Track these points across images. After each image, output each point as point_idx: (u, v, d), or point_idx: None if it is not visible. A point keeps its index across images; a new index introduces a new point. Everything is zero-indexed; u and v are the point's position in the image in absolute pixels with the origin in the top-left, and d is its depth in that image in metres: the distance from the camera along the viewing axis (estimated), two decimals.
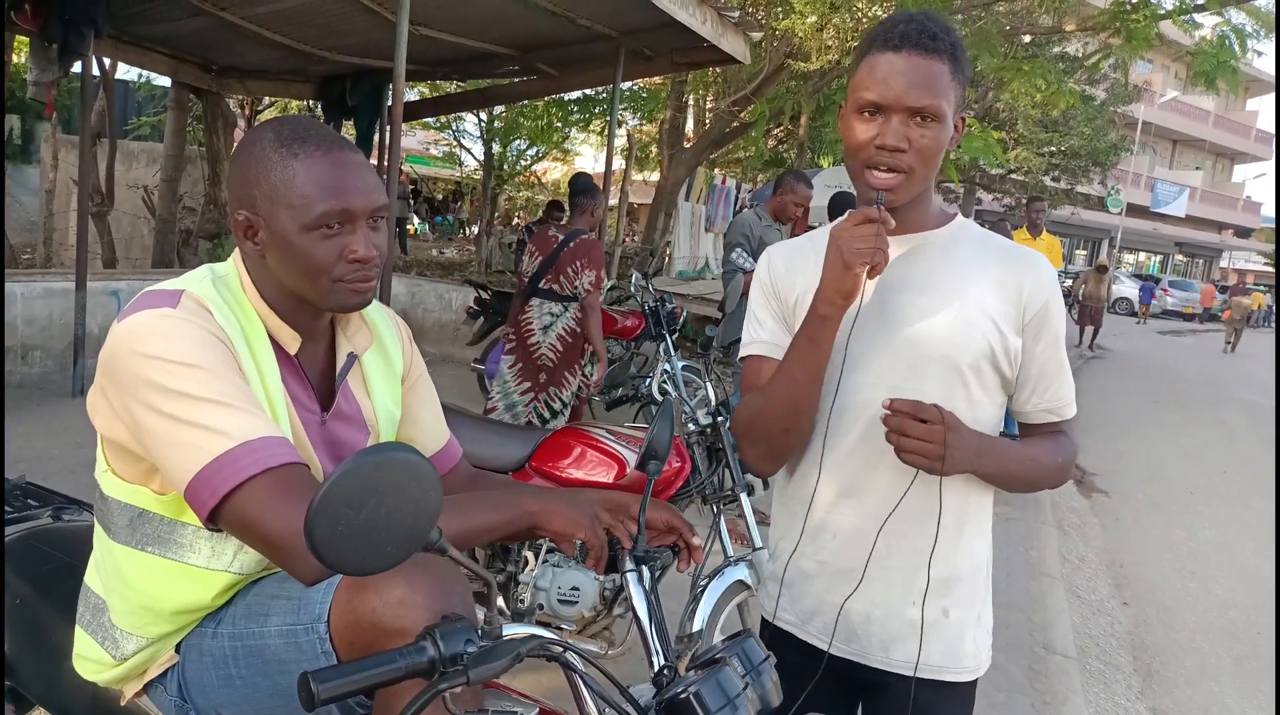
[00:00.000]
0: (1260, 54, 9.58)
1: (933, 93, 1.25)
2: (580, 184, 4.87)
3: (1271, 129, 45.00)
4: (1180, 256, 44.21)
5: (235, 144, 10.37)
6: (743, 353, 1.49)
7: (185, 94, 9.31)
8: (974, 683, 1.45)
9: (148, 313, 1.15)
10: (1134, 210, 33.08)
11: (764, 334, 1.46)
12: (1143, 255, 43.54)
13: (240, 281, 1.28)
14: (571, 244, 4.56)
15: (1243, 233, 47.53)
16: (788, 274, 1.45)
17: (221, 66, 9.01)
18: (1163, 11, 8.35)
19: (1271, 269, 50.36)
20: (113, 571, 1.25)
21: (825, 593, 1.43)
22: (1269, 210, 51.09)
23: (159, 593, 1.22)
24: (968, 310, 1.34)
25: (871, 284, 1.32)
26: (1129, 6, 8.35)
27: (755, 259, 4.95)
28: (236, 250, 1.31)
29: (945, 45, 1.27)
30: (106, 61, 8.36)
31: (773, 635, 1.52)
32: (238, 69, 9.11)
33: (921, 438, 1.23)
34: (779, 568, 1.51)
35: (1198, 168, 43.50)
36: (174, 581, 1.22)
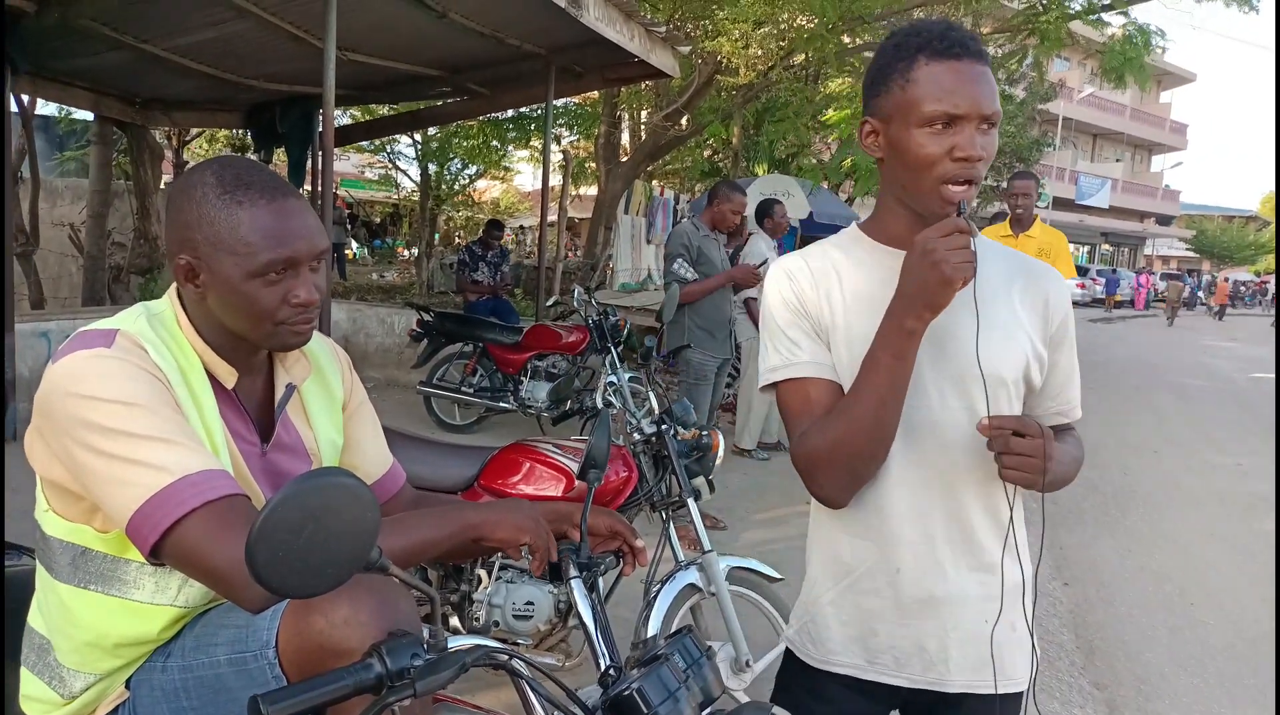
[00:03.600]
0: (1166, 49, 9.99)
1: (996, 99, 1.24)
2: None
3: (1185, 119, 46.80)
4: (1106, 246, 45.64)
5: (163, 177, 10.12)
6: (783, 376, 1.37)
7: (109, 128, 9.14)
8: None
9: (82, 353, 1.16)
10: (1060, 203, 34.11)
11: (804, 354, 1.36)
12: (1071, 247, 44.86)
13: (176, 318, 1.29)
14: None
15: (1164, 220, 49.25)
16: (814, 289, 1.38)
17: (145, 99, 8.87)
18: (1072, 12, 8.68)
19: (1194, 254, 52.30)
20: (57, 610, 1.26)
21: (897, 626, 1.37)
22: (1187, 198, 53.09)
23: (104, 629, 1.23)
24: (1006, 324, 1.34)
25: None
26: (1040, 8, 8.66)
27: (695, 268, 5.04)
28: (172, 287, 1.32)
29: (985, 51, 1.28)
30: (25, 98, 8.17)
31: (819, 678, 1.44)
32: (162, 100, 8.97)
33: (1026, 453, 1.19)
34: (826, 610, 1.43)
35: (1118, 160, 45.03)
36: (119, 618, 1.23)
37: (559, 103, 13.00)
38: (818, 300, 1.37)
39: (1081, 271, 33.19)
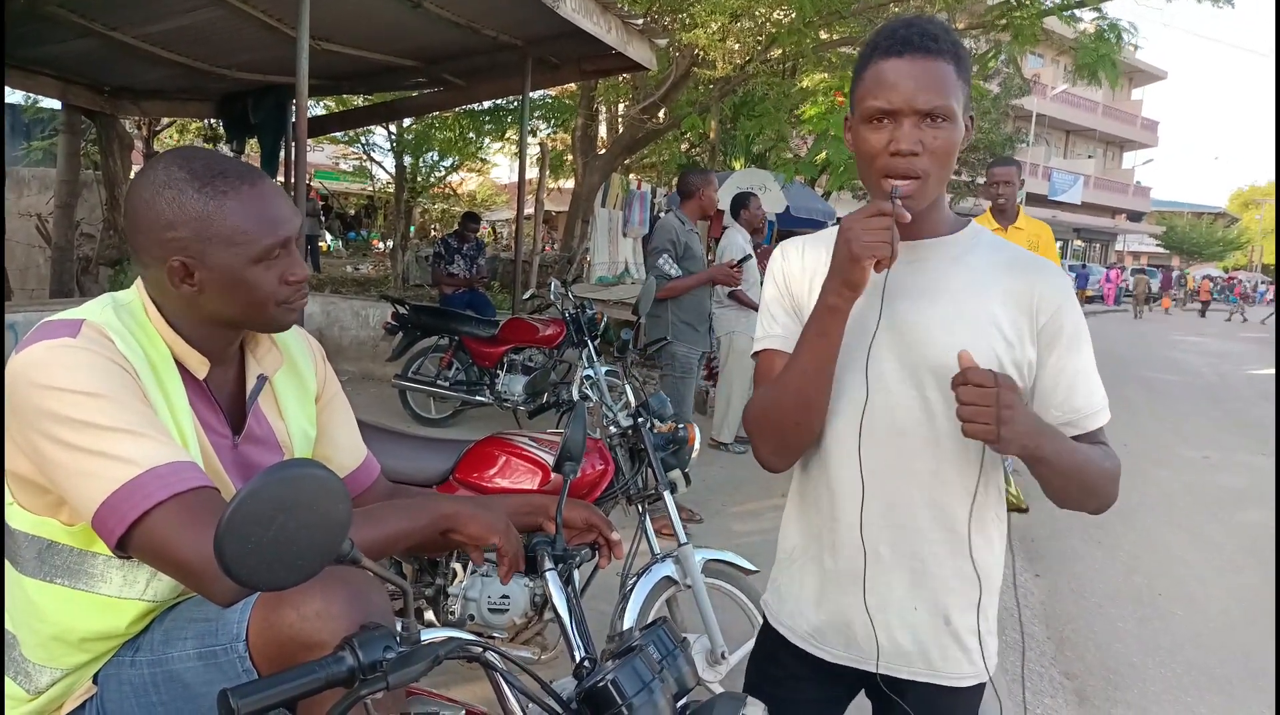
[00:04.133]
0: (1138, 46, 10.10)
1: (942, 93, 1.24)
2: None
3: (1156, 117, 47.49)
4: (1079, 242, 46.13)
5: (133, 167, 9.93)
6: (757, 347, 1.47)
7: (77, 117, 8.97)
8: (978, 687, 1.43)
9: (46, 343, 1.14)
10: (1034, 199, 34.43)
11: (777, 328, 1.44)
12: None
13: (144, 309, 1.27)
14: None
15: (1134, 217, 49.85)
16: (801, 271, 1.44)
17: (114, 87, 8.71)
18: (1045, 8, 8.75)
19: (1164, 250, 53.02)
20: (22, 605, 1.24)
21: (830, 600, 1.42)
22: (1158, 194, 53.81)
23: (71, 624, 1.21)
24: (974, 319, 1.32)
25: (878, 286, 1.29)
26: (1013, 4, 8.73)
27: (679, 262, 5.06)
28: (139, 279, 1.30)
29: (948, 45, 1.26)
30: None
31: (779, 642, 1.51)
32: (132, 89, 8.82)
33: (974, 402, 1.17)
34: (789, 572, 1.51)
35: (1090, 156, 45.48)
36: (86, 612, 1.21)
37: (536, 95, 12.93)
38: (802, 280, 1.44)
39: None
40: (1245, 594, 4.59)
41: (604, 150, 13.14)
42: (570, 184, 15.39)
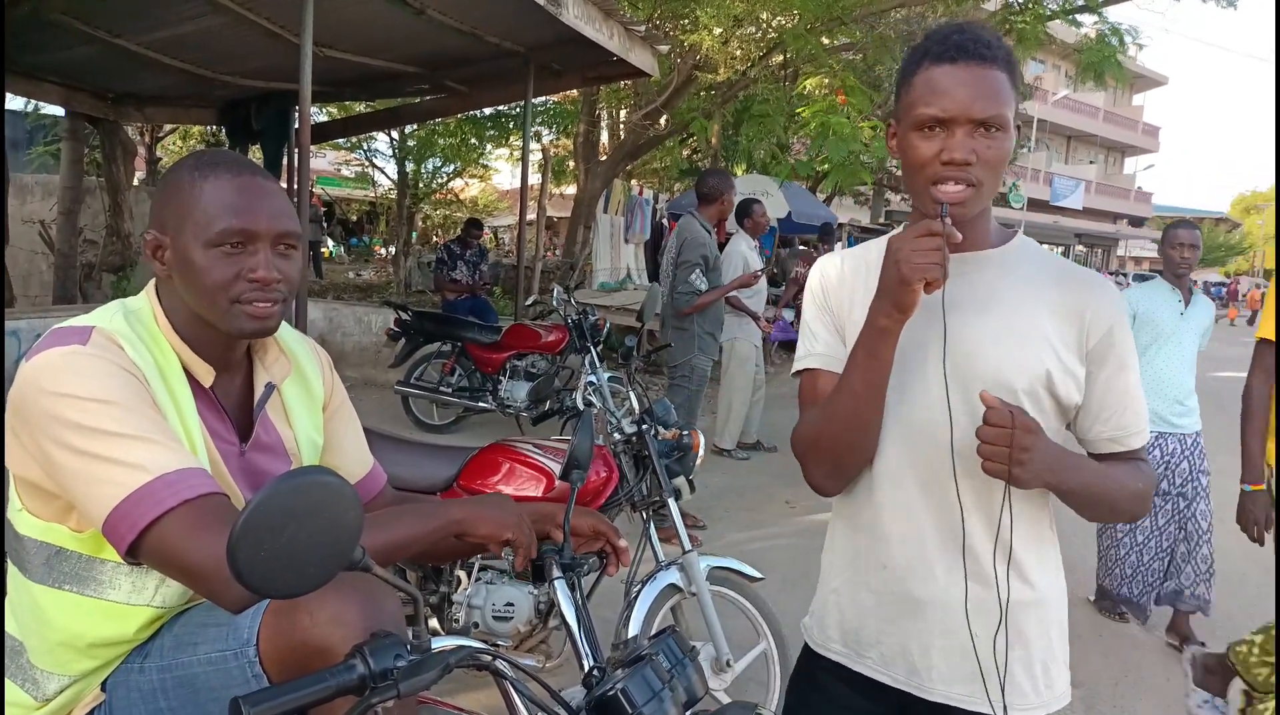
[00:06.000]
0: (1142, 47, 10.10)
1: (997, 102, 1.21)
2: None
3: (1157, 122, 47.60)
4: (1081, 247, 46.14)
5: (136, 174, 9.91)
6: (798, 366, 1.44)
7: (81, 123, 8.98)
8: None
9: (57, 350, 1.14)
10: (1035, 204, 34.44)
11: (819, 347, 1.41)
12: (1046, 247, 45.18)
13: (153, 315, 1.28)
14: None
15: (1136, 222, 49.84)
16: (839, 286, 1.41)
17: (118, 94, 8.73)
18: (1048, 12, 8.77)
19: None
20: (29, 611, 1.24)
21: (884, 624, 1.37)
22: (1160, 199, 53.76)
23: (79, 630, 1.21)
24: (1024, 333, 1.29)
25: (927, 302, 1.25)
26: (1016, 8, 8.75)
27: (707, 275, 5.05)
28: (150, 284, 1.31)
29: (1001, 53, 1.23)
30: None
31: (820, 666, 1.48)
32: (135, 96, 8.84)
33: (989, 441, 1.17)
34: (829, 597, 1.47)
35: (1091, 162, 45.53)
36: (94, 618, 1.21)
37: (538, 101, 12.96)
38: (840, 295, 1.41)
39: None
40: (1248, 599, 4.57)
41: (606, 156, 13.15)
42: (572, 190, 15.40)
